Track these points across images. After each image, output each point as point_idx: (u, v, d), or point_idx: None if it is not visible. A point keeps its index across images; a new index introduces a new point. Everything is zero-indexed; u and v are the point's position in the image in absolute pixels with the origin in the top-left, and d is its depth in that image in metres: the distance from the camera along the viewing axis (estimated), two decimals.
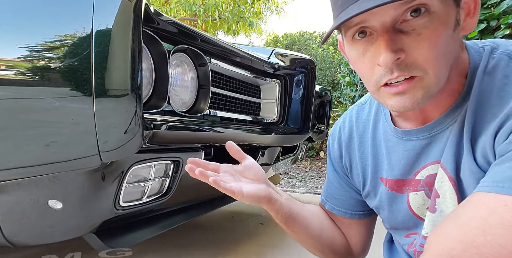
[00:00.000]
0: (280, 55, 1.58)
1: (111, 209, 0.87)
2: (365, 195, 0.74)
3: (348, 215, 0.79)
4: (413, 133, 0.61)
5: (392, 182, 0.66)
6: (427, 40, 0.48)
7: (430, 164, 0.60)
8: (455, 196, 0.56)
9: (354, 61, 0.55)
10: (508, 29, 1.81)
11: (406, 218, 0.67)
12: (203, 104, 1.11)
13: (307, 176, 4.22)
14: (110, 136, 0.74)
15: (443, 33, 0.48)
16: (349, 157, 0.75)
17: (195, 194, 1.26)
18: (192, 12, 6.18)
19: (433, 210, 0.60)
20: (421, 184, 0.62)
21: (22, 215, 0.86)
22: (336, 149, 0.78)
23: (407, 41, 0.48)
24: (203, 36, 1.08)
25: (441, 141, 0.58)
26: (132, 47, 0.72)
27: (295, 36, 7.79)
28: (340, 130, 0.77)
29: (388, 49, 0.48)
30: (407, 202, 0.65)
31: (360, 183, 0.74)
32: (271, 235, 1.86)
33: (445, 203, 0.58)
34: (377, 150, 0.69)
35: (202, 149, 1.09)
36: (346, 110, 0.80)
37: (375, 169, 0.70)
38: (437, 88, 0.51)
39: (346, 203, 0.79)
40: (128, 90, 0.72)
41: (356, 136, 0.73)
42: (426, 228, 0.62)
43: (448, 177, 0.56)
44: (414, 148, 0.61)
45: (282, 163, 1.75)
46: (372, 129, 0.70)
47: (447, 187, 0.57)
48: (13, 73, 0.78)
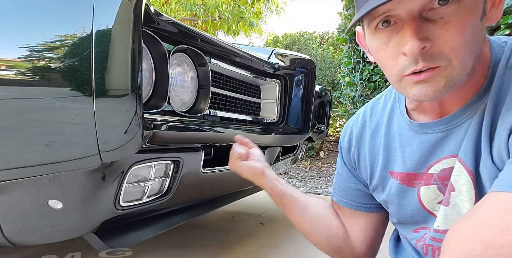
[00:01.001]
0: (280, 55, 1.58)
1: (111, 209, 0.87)
2: (372, 189, 0.74)
3: (354, 207, 0.78)
4: (430, 126, 0.61)
5: (403, 175, 0.66)
6: (454, 28, 0.47)
7: (445, 158, 0.59)
8: (472, 190, 0.56)
9: (376, 51, 0.55)
10: (508, 29, 1.81)
11: (416, 212, 0.66)
12: (203, 104, 1.11)
13: (307, 176, 4.22)
14: (110, 136, 0.74)
15: (471, 21, 0.47)
16: (357, 151, 0.76)
17: (195, 194, 1.26)
18: (192, 12, 6.18)
19: (446, 203, 0.60)
20: (434, 177, 0.61)
21: (22, 215, 0.86)
22: (346, 142, 0.78)
23: (434, 30, 0.47)
24: (203, 36, 1.08)
25: (457, 134, 0.57)
26: (132, 47, 0.72)
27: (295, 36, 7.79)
28: (353, 125, 0.78)
29: (415, 37, 0.47)
30: (418, 196, 0.65)
31: (368, 176, 0.74)
32: (271, 235, 1.86)
33: (460, 196, 0.57)
34: (390, 144, 0.69)
35: (202, 149, 1.09)
36: (363, 106, 0.81)
37: (386, 162, 0.69)
38: (461, 79, 0.51)
39: (352, 194, 0.79)
40: (128, 90, 0.72)
41: (369, 130, 0.74)
42: (438, 222, 0.62)
43: (467, 171, 0.56)
44: (429, 141, 0.61)
45: (282, 163, 1.75)
46: (386, 124, 0.70)
47: (464, 180, 0.56)
48: (13, 73, 0.78)
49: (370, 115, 0.75)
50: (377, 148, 0.71)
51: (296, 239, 1.77)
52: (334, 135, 6.41)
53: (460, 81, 0.51)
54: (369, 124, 0.74)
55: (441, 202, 0.62)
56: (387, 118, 0.70)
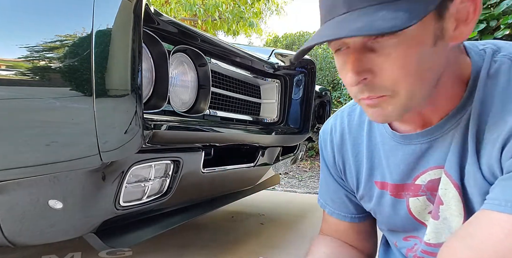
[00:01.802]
0: (280, 55, 1.58)
1: (111, 209, 0.87)
2: (359, 198, 0.73)
3: (349, 219, 0.76)
4: (413, 137, 0.59)
5: (391, 186, 0.65)
6: (395, 62, 0.46)
7: (431, 169, 0.59)
8: (460, 204, 0.55)
9: (339, 72, 0.55)
10: (507, 29, 1.81)
11: (406, 222, 0.65)
12: (203, 104, 1.11)
13: (307, 176, 4.22)
14: (110, 136, 0.74)
15: (414, 52, 0.46)
16: (342, 160, 0.73)
17: (195, 194, 1.26)
18: (192, 12, 6.18)
19: (436, 217, 0.59)
20: (422, 189, 0.61)
21: (22, 215, 0.86)
22: (329, 152, 0.76)
23: (376, 61, 0.47)
24: (203, 36, 1.08)
25: (442, 145, 0.56)
26: (132, 47, 0.72)
27: (295, 36, 7.80)
28: (331, 133, 0.75)
29: (353, 70, 0.48)
30: (407, 207, 0.64)
31: (354, 186, 0.73)
32: (271, 235, 1.86)
33: (449, 210, 0.57)
34: (373, 153, 0.67)
35: (202, 149, 1.09)
36: (335, 112, 0.78)
37: (370, 172, 0.68)
38: (411, 105, 0.50)
39: (345, 206, 0.77)
40: (128, 90, 0.72)
41: (349, 139, 0.71)
42: (429, 235, 0.61)
43: (453, 184, 0.55)
44: (414, 153, 0.60)
45: (282, 163, 1.75)
46: (367, 132, 0.68)
47: (452, 194, 0.55)
48: (13, 73, 0.78)
49: (348, 121, 0.72)
50: (360, 157, 0.69)
51: (296, 239, 1.77)
52: None
53: (412, 107, 0.51)
54: (349, 132, 0.71)
55: (431, 212, 0.61)
56: (368, 125, 0.68)
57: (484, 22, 1.85)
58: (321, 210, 0.82)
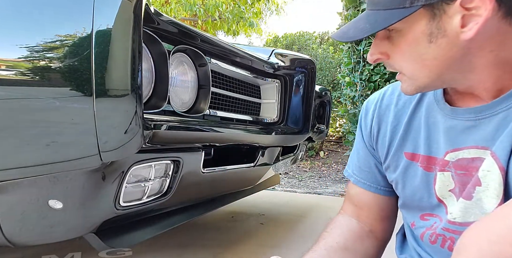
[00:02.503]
0: (280, 55, 1.58)
1: (111, 209, 0.87)
2: (385, 168, 0.74)
3: (373, 189, 0.77)
4: (460, 112, 0.60)
5: (423, 158, 0.65)
6: (399, 50, 0.57)
7: (468, 148, 0.59)
8: (501, 187, 0.55)
9: None
10: None
11: (425, 197, 0.65)
12: (203, 104, 1.11)
13: (307, 176, 4.22)
14: (110, 136, 0.74)
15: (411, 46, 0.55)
16: (378, 128, 0.75)
17: (195, 194, 1.26)
18: (193, 12, 6.19)
19: (469, 197, 0.59)
20: (449, 165, 0.61)
21: (22, 215, 0.86)
22: (369, 120, 0.77)
23: (388, 47, 0.58)
24: (203, 36, 1.08)
25: (487, 126, 0.57)
26: (132, 47, 0.72)
27: (295, 36, 7.79)
28: (377, 102, 0.76)
29: (370, 51, 0.60)
30: (434, 181, 0.64)
31: (383, 155, 0.73)
32: (271, 235, 1.86)
33: (486, 192, 0.56)
34: (411, 125, 0.68)
35: (202, 149, 1.09)
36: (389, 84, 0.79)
37: (403, 142, 0.69)
38: (422, 84, 0.59)
39: (372, 175, 0.77)
40: (128, 90, 0.72)
41: (393, 109, 0.72)
42: (455, 214, 0.61)
43: (499, 167, 0.55)
44: (455, 128, 0.61)
45: (282, 163, 1.75)
46: (415, 104, 0.69)
47: (494, 176, 0.55)
48: (13, 73, 0.78)
49: (399, 93, 0.73)
50: (399, 127, 0.70)
51: (296, 239, 1.77)
52: (334, 135, 6.42)
53: (424, 86, 0.59)
54: (396, 102, 0.73)
55: (451, 190, 0.61)
56: (418, 98, 0.69)
57: None
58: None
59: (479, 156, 0.58)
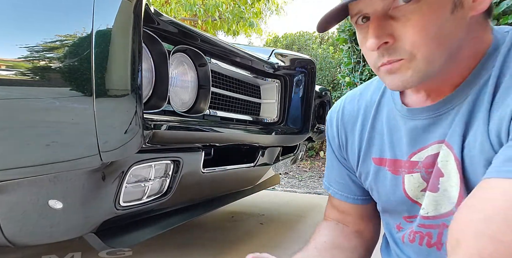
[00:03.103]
0: (280, 55, 1.58)
1: (111, 209, 0.87)
2: (358, 176, 0.74)
3: (351, 200, 0.77)
4: (417, 112, 0.60)
5: (390, 162, 0.65)
6: (415, 26, 0.49)
7: (431, 145, 0.59)
8: (457, 175, 0.55)
9: (360, 45, 0.58)
10: None
11: (400, 200, 0.66)
12: (203, 104, 1.11)
13: (307, 176, 4.22)
14: (110, 136, 0.74)
15: (434, 17, 0.49)
16: (345, 136, 0.74)
17: (195, 194, 1.26)
18: (193, 12, 6.18)
19: (435, 189, 0.59)
20: (418, 165, 0.61)
21: (22, 215, 0.86)
22: (334, 130, 0.77)
23: (397, 27, 0.50)
24: (203, 36, 1.08)
25: (445, 121, 0.57)
26: (132, 47, 0.72)
27: (295, 36, 7.79)
28: (339, 111, 0.76)
29: (372, 35, 0.51)
30: (402, 184, 0.64)
31: (355, 164, 0.73)
32: (271, 235, 1.86)
33: (449, 182, 0.57)
34: (375, 130, 0.68)
35: (202, 149, 1.09)
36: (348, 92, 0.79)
37: (368, 149, 0.69)
38: (429, 71, 0.52)
39: (348, 186, 0.77)
40: (128, 90, 0.72)
41: (358, 116, 0.72)
42: (427, 208, 0.61)
43: (453, 156, 0.55)
44: (416, 128, 0.61)
45: (282, 163, 1.75)
46: (375, 109, 0.69)
47: (452, 165, 0.56)
48: (13, 73, 0.78)
49: (359, 98, 0.74)
50: (364, 133, 0.70)
51: (296, 239, 1.77)
52: None
53: (430, 73, 0.52)
54: (358, 109, 0.73)
55: (424, 189, 0.61)
56: (377, 103, 0.69)
57: None
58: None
59: (438, 151, 0.58)
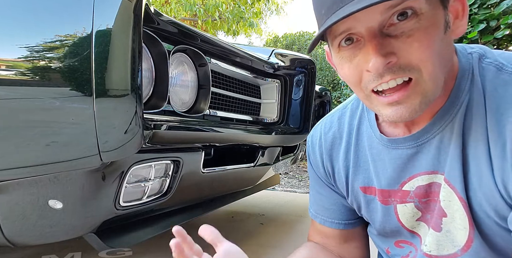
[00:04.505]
0: (280, 55, 1.58)
1: (111, 209, 0.87)
2: (350, 204, 0.72)
3: (342, 226, 0.74)
4: (399, 141, 0.58)
5: (379, 192, 0.63)
6: (419, 41, 0.45)
7: (420, 175, 0.57)
8: (466, 218, 0.53)
9: (341, 68, 0.53)
10: (508, 29, 1.81)
11: (395, 230, 0.64)
12: (203, 104, 1.11)
13: (307, 176, 4.22)
14: (110, 136, 0.74)
15: (434, 34, 0.46)
16: (331, 164, 0.72)
17: (195, 194, 1.26)
18: (193, 12, 6.18)
19: (438, 229, 0.57)
20: (411, 195, 0.59)
21: (22, 215, 0.86)
22: (318, 157, 0.74)
23: (398, 44, 0.46)
24: (203, 36, 1.08)
25: (429, 150, 0.56)
26: (132, 47, 0.72)
27: (295, 36, 7.79)
28: (321, 137, 0.73)
29: (377, 53, 0.46)
30: (396, 214, 0.63)
31: (344, 191, 0.71)
32: (271, 235, 1.86)
33: (453, 223, 0.55)
34: (359, 158, 0.66)
35: (202, 149, 1.09)
36: (323, 118, 0.76)
37: (358, 177, 0.67)
38: (434, 93, 0.49)
39: (339, 212, 0.74)
40: (128, 90, 0.72)
41: (339, 143, 0.70)
42: (429, 246, 0.59)
43: (458, 197, 0.53)
44: (400, 157, 0.59)
45: (282, 163, 1.75)
46: (355, 136, 0.67)
47: (456, 207, 0.53)
48: (13, 73, 0.78)
49: (338, 125, 0.71)
50: (349, 161, 0.68)
51: (296, 239, 1.77)
52: None
53: (434, 96, 0.49)
54: (339, 136, 0.70)
55: (419, 219, 0.60)
56: (356, 129, 0.67)
57: (484, 22, 1.85)
58: None
59: (432, 181, 0.57)
